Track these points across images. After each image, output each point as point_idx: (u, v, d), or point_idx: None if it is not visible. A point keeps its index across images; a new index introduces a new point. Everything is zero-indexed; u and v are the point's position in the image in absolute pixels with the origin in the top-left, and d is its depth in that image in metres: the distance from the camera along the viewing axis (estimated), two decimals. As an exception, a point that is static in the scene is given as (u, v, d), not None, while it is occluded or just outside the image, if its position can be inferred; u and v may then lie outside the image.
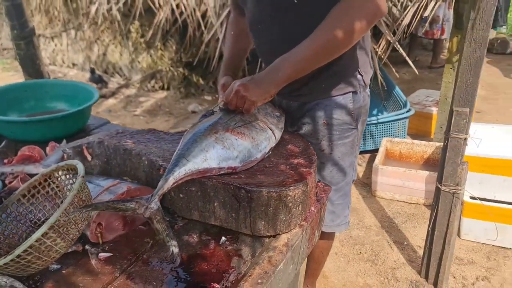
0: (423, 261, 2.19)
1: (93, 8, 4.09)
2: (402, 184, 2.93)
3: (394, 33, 2.81)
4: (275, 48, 1.31)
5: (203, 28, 3.52)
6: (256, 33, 1.44)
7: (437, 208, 1.98)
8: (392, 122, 3.53)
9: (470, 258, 2.38)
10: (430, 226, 2.06)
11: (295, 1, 1.23)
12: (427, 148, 3.24)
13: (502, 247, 2.43)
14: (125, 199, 1.07)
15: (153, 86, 4.69)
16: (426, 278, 2.19)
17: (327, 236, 1.75)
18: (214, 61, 3.49)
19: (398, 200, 2.98)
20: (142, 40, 4.41)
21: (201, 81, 4.68)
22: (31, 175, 1.32)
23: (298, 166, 1.23)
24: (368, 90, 1.51)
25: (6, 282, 0.89)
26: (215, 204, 1.14)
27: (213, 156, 1.14)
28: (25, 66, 2.57)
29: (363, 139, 3.58)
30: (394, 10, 2.71)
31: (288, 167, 1.24)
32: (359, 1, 1.13)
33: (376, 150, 3.61)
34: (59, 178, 1.14)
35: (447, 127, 1.80)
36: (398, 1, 2.73)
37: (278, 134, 1.37)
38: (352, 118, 1.43)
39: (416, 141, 3.28)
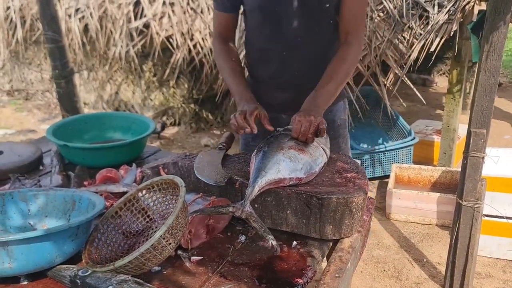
0: (446, 274, 2.35)
1: (112, 50, 4.33)
2: (415, 206, 3.11)
3: (401, 67, 3.07)
4: (304, 72, 1.67)
5: (219, 66, 3.76)
6: (276, 60, 1.69)
7: (458, 223, 2.16)
8: (399, 150, 3.76)
9: (488, 272, 2.54)
10: (453, 240, 2.23)
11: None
12: (434, 172, 3.45)
13: (516, 261, 2.61)
14: (224, 205, 1.23)
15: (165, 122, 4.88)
16: (450, 291, 2.33)
17: None
18: (231, 97, 3.72)
19: (412, 222, 3.15)
20: (154, 79, 4.64)
21: (210, 117, 4.89)
22: (113, 194, 1.48)
23: (353, 178, 1.41)
24: None
25: (129, 278, 1.03)
26: (288, 212, 1.30)
27: (284, 168, 1.31)
28: (63, 103, 2.75)
29: (372, 166, 3.78)
30: (401, 46, 2.99)
31: (344, 180, 1.41)
32: (358, 48, 1.61)
33: (384, 177, 3.82)
34: (148, 195, 1.30)
35: (466, 147, 2.01)
36: (405, 39, 3.02)
37: (328, 152, 1.55)
38: (348, 118, 1.86)
39: (423, 166, 3.49)
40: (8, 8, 5.21)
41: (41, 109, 5.65)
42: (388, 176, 3.51)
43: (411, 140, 3.75)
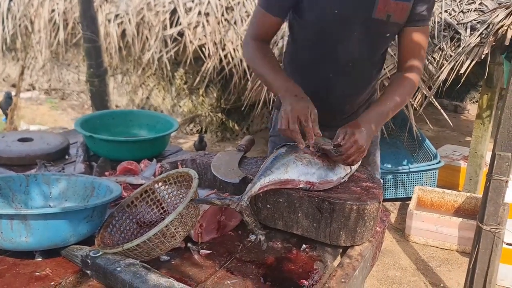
0: (463, 300, 2.28)
1: (146, 55, 4.48)
2: (436, 229, 3.04)
3: (429, 88, 3.05)
4: (347, 94, 1.64)
5: (248, 77, 3.83)
6: (321, 80, 1.63)
7: (478, 247, 2.10)
8: (423, 172, 3.70)
9: (507, 303, 2.45)
10: (471, 265, 2.17)
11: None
12: (458, 197, 3.37)
13: (538, 294, 2.51)
14: (223, 196, 1.26)
15: (191, 129, 4.97)
16: (466, 318, 2.26)
17: None
18: (258, 107, 3.77)
19: (431, 245, 3.08)
20: (185, 86, 4.75)
21: (236, 127, 4.95)
22: (132, 185, 1.52)
23: (368, 188, 1.41)
24: None
25: (137, 262, 1.06)
26: (299, 214, 1.31)
27: (293, 169, 1.31)
28: (95, 101, 2.87)
29: (395, 187, 3.73)
30: (430, 67, 2.97)
31: (359, 188, 1.41)
32: (418, 76, 1.58)
33: (406, 199, 3.76)
34: (164, 187, 1.33)
35: (489, 170, 1.97)
36: (434, 60, 3.00)
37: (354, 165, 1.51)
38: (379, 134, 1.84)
39: (447, 191, 3.42)
40: (53, 10, 5.47)
41: (75, 108, 5.85)
42: (410, 199, 3.45)
43: (436, 163, 3.69)
